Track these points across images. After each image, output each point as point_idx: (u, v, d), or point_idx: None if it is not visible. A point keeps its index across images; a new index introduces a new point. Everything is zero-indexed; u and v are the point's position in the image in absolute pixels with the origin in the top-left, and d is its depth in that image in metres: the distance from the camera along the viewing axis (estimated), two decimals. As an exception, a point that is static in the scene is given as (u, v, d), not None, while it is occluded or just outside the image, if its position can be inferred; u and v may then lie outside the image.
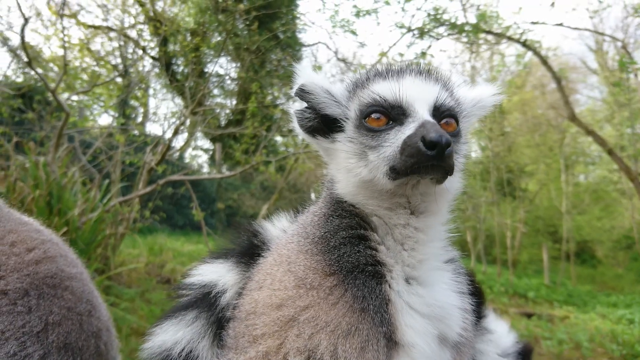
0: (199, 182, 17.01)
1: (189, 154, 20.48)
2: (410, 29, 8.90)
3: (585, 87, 19.61)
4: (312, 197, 1.85)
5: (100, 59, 12.02)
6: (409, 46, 9.19)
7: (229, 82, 15.19)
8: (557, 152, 18.46)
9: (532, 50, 9.57)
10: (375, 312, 1.13)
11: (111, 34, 12.35)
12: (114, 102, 12.55)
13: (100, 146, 9.74)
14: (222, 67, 14.80)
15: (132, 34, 12.81)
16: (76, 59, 10.95)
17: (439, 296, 1.23)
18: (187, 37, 11.71)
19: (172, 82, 13.13)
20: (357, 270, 1.18)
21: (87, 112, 12.70)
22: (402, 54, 8.96)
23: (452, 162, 1.10)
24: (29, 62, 6.73)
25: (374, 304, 1.14)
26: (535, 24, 9.09)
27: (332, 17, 9.39)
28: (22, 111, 10.36)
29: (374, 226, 1.26)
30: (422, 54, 8.70)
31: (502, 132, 17.29)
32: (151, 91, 14.03)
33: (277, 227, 1.62)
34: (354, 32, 9.33)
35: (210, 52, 12.32)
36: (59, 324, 1.49)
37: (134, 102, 14.41)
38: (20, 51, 8.89)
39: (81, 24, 11.22)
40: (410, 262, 1.23)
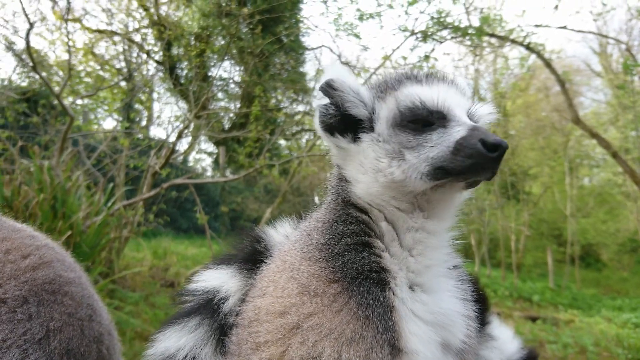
0: (202, 186, 17.03)
1: (192, 157, 20.61)
2: (413, 32, 8.87)
3: (589, 90, 19.54)
4: (316, 201, 1.84)
5: (104, 63, 12.07)
6: (412, 49, 9.14)
7: (232, 85, 15.21)
8: (562, 155, 18.37)
9: (536, 53, 9.54)
10: (379, 319, 1.13)
11: (115, 38, 12.41)
12: (118, 106, 12.59)
13: (104, 150, 9.78)
14: (226, 71, 14.81)
15: (137, 38, 12.91)
16: (81, 63, 10.99)
17: (443, 303, 1.23)
18: (191, 41, 11.77)
19: (176, 85, 13.17)
20: (361, 277, 1.18)
21: (91, 116, 12.74)
22: (405, 57, 8.93)
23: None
24: (34, 67, 6.76)
25: (378, 311, 1.14)
26: (538, 26, 9.04)
27: (335, 21, 9.37)
28: (27, 115, 10.43)
29: (380, 233, 1.26)
30: (426, 57, 8.68)
31: (506, 135, 17.23)
32: (155, 95, 14.06)
33: (280, 233, 1.62)
34: (357, 36, 9.31)
35: (214, 56, 12.34)
36: (60, 330, 1.47)
37: (138, 106, 14.46)
38: (25, 55, 8.93)
39: (86, 28, 11.32)
40: (415, 268, 1.23)
